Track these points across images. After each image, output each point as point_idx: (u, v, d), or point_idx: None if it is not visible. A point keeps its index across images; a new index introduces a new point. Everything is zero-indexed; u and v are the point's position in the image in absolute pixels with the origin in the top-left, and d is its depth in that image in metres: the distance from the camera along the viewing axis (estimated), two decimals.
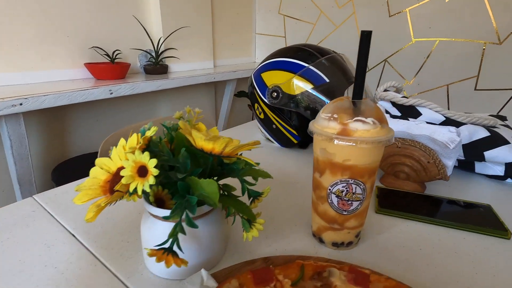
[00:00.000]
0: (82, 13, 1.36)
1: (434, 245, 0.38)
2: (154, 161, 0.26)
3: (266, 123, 0.74)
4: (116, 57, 1.41)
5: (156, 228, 0.31)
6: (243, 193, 0.32)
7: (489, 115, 0.61)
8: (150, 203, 0.30)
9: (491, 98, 1.65)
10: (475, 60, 1.64)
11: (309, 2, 2.03)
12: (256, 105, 0.75)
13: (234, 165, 0.32)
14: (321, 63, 0.67)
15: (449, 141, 0.44)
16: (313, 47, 0.71)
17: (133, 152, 0.27)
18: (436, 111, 0.58)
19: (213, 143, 0.28)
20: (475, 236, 0.40)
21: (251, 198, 0.33)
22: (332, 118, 0.32)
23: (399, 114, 0.63)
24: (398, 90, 0.69)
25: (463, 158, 0.55)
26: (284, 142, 0.73)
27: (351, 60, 0.72)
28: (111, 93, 1.20)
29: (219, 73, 1.75)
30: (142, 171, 0.26)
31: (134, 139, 0.28)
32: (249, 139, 0.72)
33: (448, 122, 0.57)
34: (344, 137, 0.30)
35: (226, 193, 0.33)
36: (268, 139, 0.77)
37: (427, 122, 0.56)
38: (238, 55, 2.23)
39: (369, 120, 0.31)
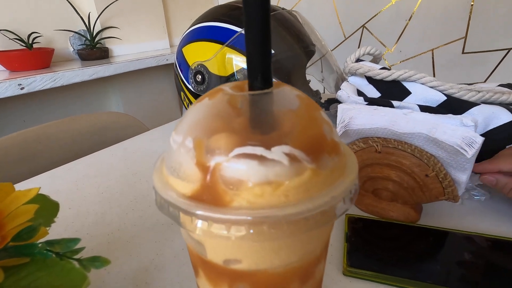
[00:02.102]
0: None
1: None
2: None
3: None
4: (34, 41, 1.13)
5: None
6: None
7: (499, 85, 0.42)
8: None
9: (481, 61, 1.48)
10: (462, 19, 1.44)
11: None
12: (182, 94, 0.54)
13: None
14: None
15: (464, 144, 0.25)
16: None
17: None
18: (431, 87, 0.39)
19: None
20: None
21: None
22: (184, 149, 0.12)
23: (378, 94, 0.43)
24: (376, 59, 0.49)
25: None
26: None
27: (311, 21, 0.51)
28: (22, 88, 0.95)
29: (174, 54, 1.49)
30: None
31: None
32: None
33: (450, 103, 0.37)
34: (209, 214, 0.10)
35: None
36: None
37: (421, 107, 0.36)
38: None
39: (280, 151, 0.10)
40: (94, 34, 1.32)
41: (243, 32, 0.43)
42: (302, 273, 0.13)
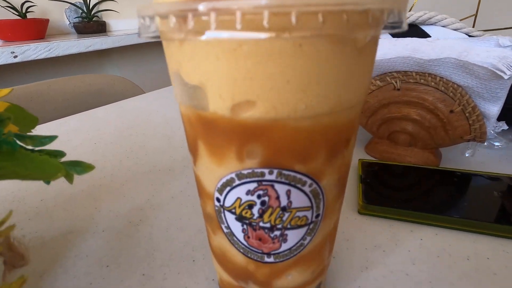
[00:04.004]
0: None
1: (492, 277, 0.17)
2: None
3: None
4: (28, 11, 1.09)
5: None
6: None
7: None
8: None
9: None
10: None
11: None
12: None
13: None
14: None
15: (501, 64, 0.22)
16: None
17: None
18: (454, 29, 0.35)
19: None
20: None
21: None
22: None
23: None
24: None
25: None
26: None
27: None
28: (15, 56, 0.91)
29: None
30: None
31: None
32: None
33: None
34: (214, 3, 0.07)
35: None
36: None
37: None
38: None
39: None
40: (91, 6, 1.27)
41: None
42: (332, 141, 0.10)
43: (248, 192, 0.11)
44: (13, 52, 0.92)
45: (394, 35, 0.41)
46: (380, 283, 0.18)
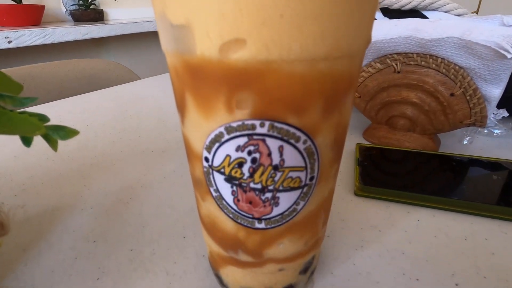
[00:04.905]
0: None
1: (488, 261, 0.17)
2: None
3: None
4: None
5: None
6: None
7: None
8: None
9: None
10: None
11: None
12: None
13: None
14: None
15: (505, 43, 0.21)
16: None
17: None
18: (457, 15, 0.35)
19: None
20: None
21: None
22: None
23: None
24: None
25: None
26: None
27: None
28: (9, 42, 0.89)
29: None
30: None
31: None
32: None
33: None
34: None
35: None
36: None
37: None
38: None
39: None
40: None
41: None
42: (328, 93, 0.09)
43: (238, 148, 0.10)
44: (8, 37, 0.90)
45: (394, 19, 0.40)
46: (375, 261, 0.17)
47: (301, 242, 0.13)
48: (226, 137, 0.10)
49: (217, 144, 0.10)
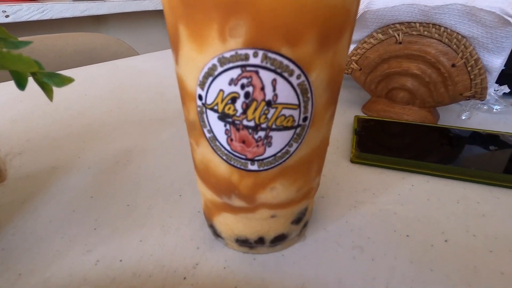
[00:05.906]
0: None
1: (477, 222, 0.17)
2: None
3: None
4: None
5: None
6: None
7: None
8: None
9: None
10: None
11: None
12: None
13: None
14: None
15: (510, 8, 0.21)
16: None
17: None
18: None
19: None
20: None
21: None
22: None
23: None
24: None
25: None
26: None
27: None
28: (7, 16, 0.88)
29: None
30: None
31: None
32: None
33: None
34: None
35: None
36: None
37: None
38: None
39: None
40: None
41: None
42: (323, 24, 0.09)
43: (231, 82, 0.10)
44: (5, 11, 0.88)
45: None
46: (367, 220, 0.18)
47: (294, 188, 0.13)
48: (219, 69, 0.10)
49: (210, 79, 0.10)
